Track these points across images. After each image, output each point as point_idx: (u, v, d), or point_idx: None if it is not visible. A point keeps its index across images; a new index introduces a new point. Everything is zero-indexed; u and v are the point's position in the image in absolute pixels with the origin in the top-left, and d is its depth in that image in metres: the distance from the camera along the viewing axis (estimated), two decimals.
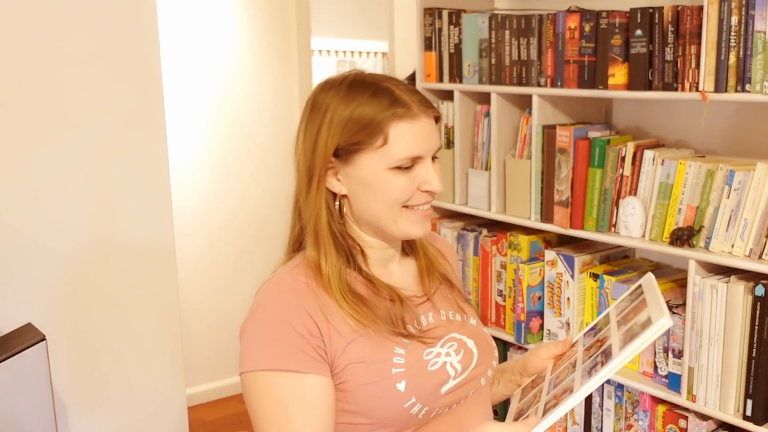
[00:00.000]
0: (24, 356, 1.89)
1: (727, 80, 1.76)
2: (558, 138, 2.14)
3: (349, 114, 1.14)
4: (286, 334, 1.12)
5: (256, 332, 1.15)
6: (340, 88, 1.17)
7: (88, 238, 2.28)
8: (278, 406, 1.11)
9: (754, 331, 1.76)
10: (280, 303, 1.15)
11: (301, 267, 1.20)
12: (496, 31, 2.28)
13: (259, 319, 1.15)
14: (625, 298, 1.21)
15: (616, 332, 1.13)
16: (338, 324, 1.14)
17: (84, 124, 2.24)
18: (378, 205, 1.17)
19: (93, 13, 2.22)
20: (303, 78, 3.97)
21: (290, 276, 1.18)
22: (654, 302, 1.12)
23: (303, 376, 1.11)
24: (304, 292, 1.15)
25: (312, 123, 1.18)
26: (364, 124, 1.13)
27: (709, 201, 1.86)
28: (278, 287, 1.18)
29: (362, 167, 1.15)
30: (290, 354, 1.11)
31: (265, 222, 3.90)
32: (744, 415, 1.81)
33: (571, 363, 1.18)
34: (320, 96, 1.18)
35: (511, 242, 2.34)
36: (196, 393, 3.79)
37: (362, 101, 1.15)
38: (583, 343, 1.21)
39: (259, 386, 1.13)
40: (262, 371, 1.12)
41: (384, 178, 1.15)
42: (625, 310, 1.17)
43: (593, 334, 1.20)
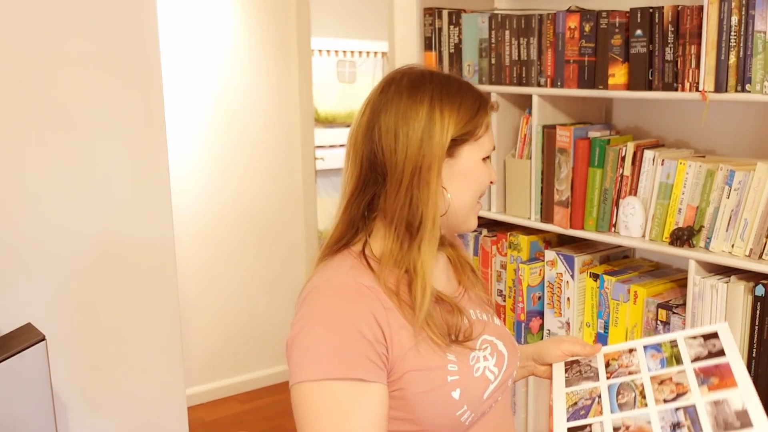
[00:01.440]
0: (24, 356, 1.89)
1: (727, 80, 1.76)
2: (558, 138, 2.14)
3: (458, 105, 1.16)
4: (354, 340, 1.06)
5: (318, 339, 1.07)
6: (434, 83, 1.17)
7: (88, 238, 2.28)
8: (341, 418, 1.05)
9: (754, 331, 1.76)
10: (346, 306, 1.09)
11: (358, 269, 1.15)
12: (496, 31, 2.28)
13: (320, 325, 1.08)
14: (698, 340, 1.24)
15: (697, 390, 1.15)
16: (400, 330, 1.11)
17: (84, 125, 2.24)
18: (468, 195, 1.19)
19: (93, 13, 2.22)
20: (303, 78, 3.97)
21: (351, 279, 1.13)
22: (743, 380, 1.14)
23: (368, 385, 1.06)
24: (369, 296, 1.11)
25: (413, 118, 1.14)
26: (471, 115, 1.17)
27: (709, 201, 1.86)
28: (341, 291, 1.12)
29: (466, 158, 1.18)
30: (358, 361, 1.06)
31: (265, 221, 3.91)
32: None
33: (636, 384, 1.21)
34: (410, 92, 1.16)
35: (511, 242, 2.34)
36: (196, 393, 3.80)
37: (463, 95, 1.18)
38: (648, 365, 1.24)
39: (318, 397, 1.06)
40: (325, 381, 1.05)
41: (480, 167, 1.20)
42: (702, 361, 1.20)
43: (659, 362, 1.23)
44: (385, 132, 1.15)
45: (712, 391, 1.13)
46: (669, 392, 1.15)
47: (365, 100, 1.20)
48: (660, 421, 1.12)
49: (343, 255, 1.17)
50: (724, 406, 1.12)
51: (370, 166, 1.17)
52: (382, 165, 1.15)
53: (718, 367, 1.15)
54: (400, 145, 1.14)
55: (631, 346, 1.26)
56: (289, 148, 3.95)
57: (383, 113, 1.16)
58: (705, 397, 1.13)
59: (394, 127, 1.14)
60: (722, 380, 1.14)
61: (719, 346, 1.20)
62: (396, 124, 1.15)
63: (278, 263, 4.01)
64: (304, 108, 4.01)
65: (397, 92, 1.16)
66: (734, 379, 1.13)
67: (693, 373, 1.17)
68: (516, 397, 2.38)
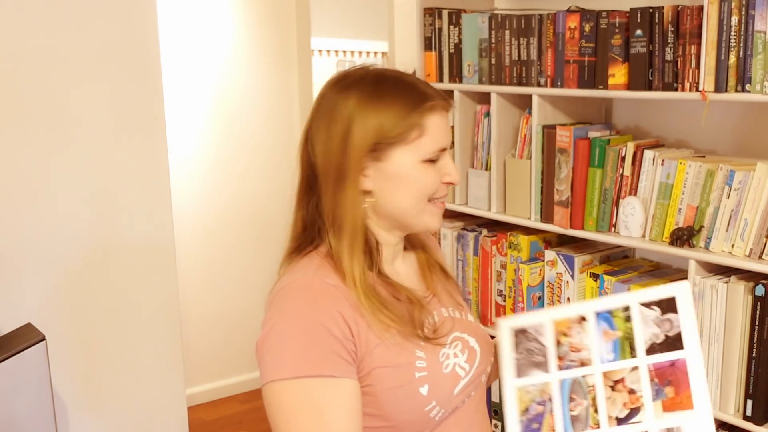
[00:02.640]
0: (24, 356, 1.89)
1: (727, 80, 1.76)
2: (558, 138, 2.14)
3: (386, 107, 1.13)
4: (322, 338, 1.07)
5: (288, 338, 1.09)
6: (364, 83, 1.15)
7: (88, 238, 2.28)
8: (316, 414, 1.06)
9: (754, 331, 1.76)
10: (313, 307, 1.10)
11: (324, 269, 1.15)
12: (496, 31, 2.28)
13: (290, 325, 1.10)
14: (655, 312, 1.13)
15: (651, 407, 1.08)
16: (366, 327, 1.11)
17: (84, 125, 2.25)
18: (407, 199, 1.16)
19: (93, 13, 2.22)
20: (303, 78, 3.97)
21: (318, 279, 1.13)
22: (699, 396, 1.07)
23: (340, 381, 1.08)
24: (335, 295, 1.12)
25: (337, 121, 1.14)
26: (400, 118, 1.13)
27: (709, 201, 1.86)
28: (308, 291, 1.12)
29: (395, 161, 1.14)
30: (328, 359, 1.07)
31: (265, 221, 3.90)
32: (744, 415, 1.81)
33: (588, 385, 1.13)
34: (341, 93, 1.15)
35: (511, 242, 2.34)
36: (196, 393, 3.79)
37: (395, 96, 1.14)
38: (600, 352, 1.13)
39: (292, 395, 1.07)
40: (297, 379, 1.07)
41: (416, 171, 1.15)
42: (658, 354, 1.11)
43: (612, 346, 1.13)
44: (316, 135, 1.16)
45: (667, 411, 1.08)
46: (622, 405, 1.11)
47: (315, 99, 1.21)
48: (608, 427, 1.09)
49: (310, 256, 1.18)
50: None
51: (310, 170, 1.18)
52: (315, 169, 1.17)
53: (674, 368, 1.10)
54: (326, 147, 1.15)
55: (581, 311, 1.16)
56: (289, 148, 3.95)
57: (318, 115, 1.17)
58: (659, 422, 1.08)
59: (323, 130, 1.15)
60: (678, 392, 1.09)
61: (676, 325, 1.11)
62: (325, 128, 1.15)
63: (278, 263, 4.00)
64: (304, 108, 4.01)
65: (333, 93, 1.16)
66: (690, 394, 1.08)
67: (647, 376, 1.11)
68: None
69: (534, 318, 1.17)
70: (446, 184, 1.19)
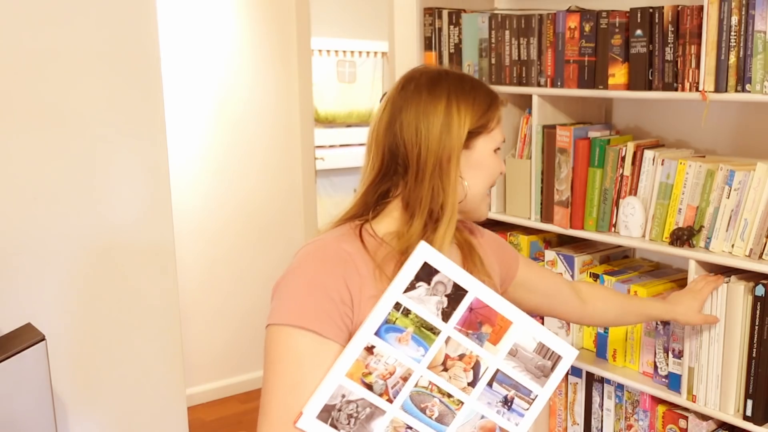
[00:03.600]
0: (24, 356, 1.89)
1: (728, 80, 1.76)
2: (558, 138, 2.14)
3: (473, 101, 1.26)
4: (318, 295, 1.15)
5: (290, 289, 1.18)
6: (450, 79, 1.27)
7: (88, 239, 2.28)
8: (294, 365, 1.13)
9: (754, 331, 1.76)
10: (319, 266, 1.18)
11: (348, 237, 1.23)
12: (496, 31, 2.28)
13: (295, 278, 1.19)
14: (420, 289, 1.12)
15: (485, 352, 1.12)
16: (370, 299, 1.16)
17: (84, 125, 2.25)
18: (482, 185, 1.30)
19: (93, 14, 2.23)
20: (303, 78, 3.97)
21: (336, 243, 1.21)
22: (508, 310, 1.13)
23: (324, 341, 1.13)
24: (346, 261, 1.19)
25: (433, 113, 1.24)
26: (484, 110, 1.27)
27: (709, 201, 1.86)
28: (321, 251, 1.21)
29: (479, 149, 1.28)
30: (317, 315, 1.14)
31: (265, 222, 3.90)
32: (744, 415, 1.81)
33: (425, 387, 1.12)
34: (428, 88, 1.25)
35: (511, 242, 2.34)
36: (196, 393, 3.80)
37: (477, 90, 1.28)
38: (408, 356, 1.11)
39: (280, 341, 1.15)
40: (286, 326, 1.14)
41: (492, 158, 1.30)
42: (453, 314, 1.12)
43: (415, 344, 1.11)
44: (407, 127, 1.24)
45: (498, 344, 1.14)
46: (463, 373, 1.13)
47: (385, 98, 1.29)
48: (489, 407, 1.13)
49: (343, 226, 1.27)
50: (523, 354, 1.15)
51: (392, 159, 1.26)
52: (404, 157, 1.25)
53: (474, 310, 1.14)
54: (422, 138, 1.23)
55: (363, 344, 1.11)
56: (288, 148, 3.95)
57: (404, 110, 1.25)
58: (498, 356, 1.13)
59: (415, 122, 1.24)
60: (492, 323, 1.14)
61: (447, 281, 1.13)
62: (417, 119, 1.24)
63: (278, 263, 4.01)
64: (304, 108, 4.01)
65: (417, 90, 1.26)
66: (501, 315, 1.14)
67: (461, 335, 1.13)
68: None
69: (326, 391, 1.10)
70: (500, 174, 1.33)
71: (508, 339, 1.14)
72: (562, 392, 2.28)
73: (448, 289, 1.14)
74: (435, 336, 1.12)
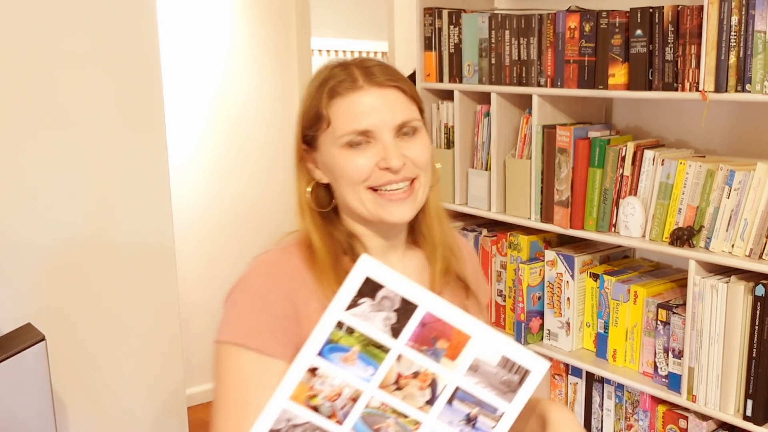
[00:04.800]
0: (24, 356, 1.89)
1: (728, 80, 1.76)
2: (558, 138, 2.14)
3: (303, 100, 1.18)
4: (260, 313, 1.09)
5: (236, 304, 1.13)
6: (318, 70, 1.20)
7: (88, 238, 2.28)
8: (240, 385, 1.08)
9: (754, 331, 1.76)
10: (264, 279, 1.12)
11: (294, 247, 1.17)
12: (496, 31, 2.28)
13: (240, 293, 1.13)
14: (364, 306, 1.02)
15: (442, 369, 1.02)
16: (318, 313, 1.04)
17: (83, 124, 2.24)
18: (342, 188, 1.14)
19: (93, 13, 2.22)
20: (303, 78, 3.96)
21: (282, 255, 1.16)
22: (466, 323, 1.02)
23: (269, 359, 1.08)
24: (292, 274, 1.12)
25: None
26: (311, 110, 1.15)
27: (709, 201, 1.86)
28: (267, 265, 1.15)
29: (324, 152, 1.15)
30: (259, 333, 1.08)
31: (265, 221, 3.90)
32: (744, 415, 1.81)
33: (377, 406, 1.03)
34: None
35: (511, 242, 2.34)
36: (196, 393, 3.79)
37: (310, 85, 1.17)
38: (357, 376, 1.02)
39: (226, 359, 1.10)
40: (230, 344, 1.09)
41: (339, 158, 1.12)
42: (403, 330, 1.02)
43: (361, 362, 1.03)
44: None
45: (456, 359, 1.04)
46: (420, 391, 1.04)
47: None
48: (451, 426, 1.04)
49: (295, 235, 1.20)
50: (485, 369, 1.05)
51: None
52: None
53: (427, 325, 1.03)
54: None
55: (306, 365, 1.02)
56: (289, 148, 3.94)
57: None
58: (457, 373, 1.04)
59: None
60: (449, 338, 1.04)
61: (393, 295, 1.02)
62: None
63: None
64: None
65: None
66: (457, 330, 1.03)
67: (413, 352, 1.03)
68: None
69: (270, 415, 1.03)
70: (383, 169, 1.11)
71: (468, 354, 1.04)
72: (562, 392, 2.28)
73: (396, 303, 1.02)
74: (385, 354, 1.03)
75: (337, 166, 1.13)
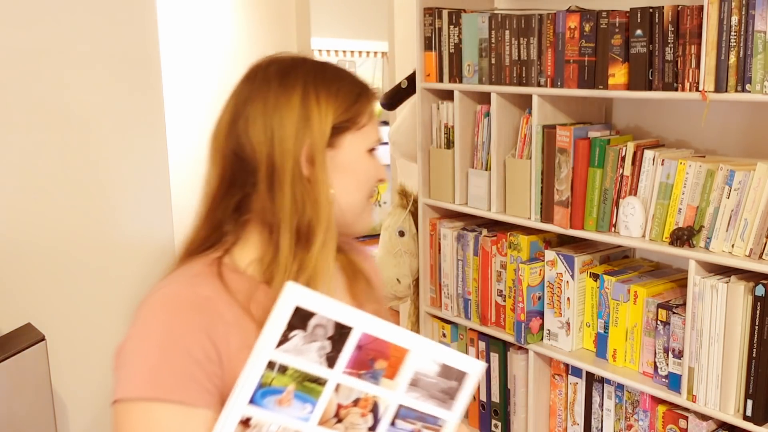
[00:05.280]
0: (24, 356, 1.89)
1: (728, 80, 1.76)
2: (558, 138, 2.14)
3: (336, 90, 1.04)
4: (179, 358, 0.94)
5: (140, 354, 0.95)
6: (306, 67, 1.07)
7: (88, 238, 2.28)
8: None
9: (754, 331, 1.76)
10: (173, 320, 0.96)
11: (204, 278, 1.01)
12: (496, 31, 2.28)
13: (144, 339, 0.96)
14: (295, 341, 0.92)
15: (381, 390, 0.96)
16: (241, 350, 0.95)
17: (84, 124, 2.25)
18: (356, 192, 1.08)
19: (93, 13, 2.23)
20: None
21: (189, 288, 0.99)
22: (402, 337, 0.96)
23: (192, 410, 0.93)
24: (206, 309, 0.97)
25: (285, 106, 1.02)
26: (352, 101, 1.06)
27: (709, 201, 1.86)
28: (172, 302, 0.98)
29: (347, 149, 1.06)
30: (181, 383, 0.93)
31: None
32: (744, 415, 1.81)
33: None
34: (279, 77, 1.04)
35: (511, 242, 2.34)
36: None
37: (342, 79, 1.06)
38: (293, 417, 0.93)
39: (135, 420, 0.93)
40: (143, 401, 0.93)
41: (366, 160, 1.08)
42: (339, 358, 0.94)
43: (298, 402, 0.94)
44: (253, 123, 1.02)
45: (396, 377, 0.98)
46: (362, 419, 0.97)
47: (229, 93, 1.08)
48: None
49: (195, 262, 1.04)
50: (425, 381, 1.00)
51: (239, 165, 1.04)
52: (252, 161, 1.02)
53: (362, 347, 0.95)
54: (274, 137, 1.01)
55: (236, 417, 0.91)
56: None
57: (249, 104, 1.03)
58: (398, 391, 0.98)
59: (263, 117, 1.02)
60: (387, 356, 0.97)
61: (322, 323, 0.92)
62: (265, 114, 1.02)
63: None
64: None
65: (265, 79, 1.05)
66: (394, 345, 0.97)
67: (352, 378, 0.95)
68: (516, 397, 2.38)
69: None
70: (379, 181, 1.11)
71: (407, 369, 0.98)
72: (562, 392, 2.28)
73: (330, 330, 0.93)
74: (322, 387, 0.94)
75: (363, 167, 1.08)
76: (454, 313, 2.53)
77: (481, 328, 2.44)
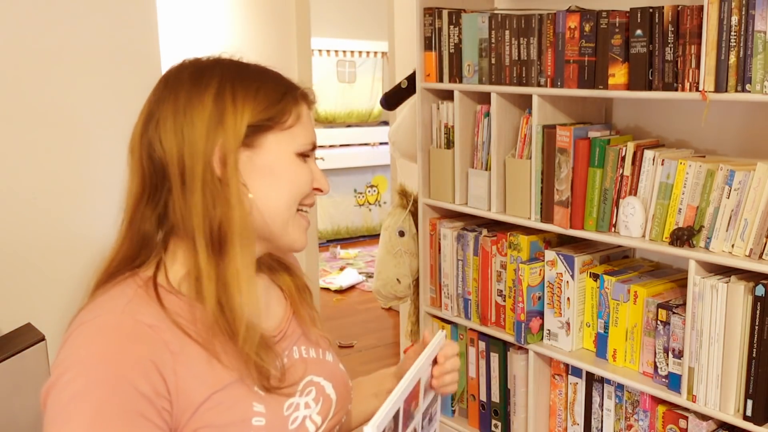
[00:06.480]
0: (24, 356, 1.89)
1: (728, 80, 1.76)
2: (558, 138, 2.14)
3: (255, 89, 0.99)
4: (124, 395, 0.85)
5: (81, 394, 0.85)
6: (224, 66, 1.03)
7: (87, 238, 2.28)
8: None
9: (754, 331, 1.76)
10: (117, 354, 0.88)
11: (139, 302, 0.93)
12: (496, 31, 2.28)
13: (83, 376, 0.87)
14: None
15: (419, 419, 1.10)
16: (190, 380, 0.91)
17: (84, 125, 2.25)
18: (281, 199, 0.99)
19: (93, 13, 2.23)
20: (303, 78, 3.97)
21: (127, 317, 0.91)
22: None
23: None
24: (149, 338, 0.90)
25: (198, 106, 0.96)
26: (274, 100, 0.99)
27: (709, 201, 1.86)
28: (112, 333, 0.90)
29: (269, 150, 0.98)
30: (131, 422, 0.85)
31: None
32: (744, 415, 1.81)
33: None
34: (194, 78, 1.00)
35: (511, 242, 2.34)
36: None
37: (264, 77, 1.02)
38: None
39: None
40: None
41: (293, 164, 1.00)
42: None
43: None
44: (164, 125, 0.97)
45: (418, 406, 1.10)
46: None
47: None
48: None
49: (126, 284, 0.96)
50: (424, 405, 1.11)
51: (153, 169, 0.97)
52: (165, 164, 0.96)
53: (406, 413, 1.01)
54: (184, 137, 0.95)
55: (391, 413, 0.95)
56: None
57: (161, 105, 0.98)
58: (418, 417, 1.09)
59: (173, 117, 0.96)
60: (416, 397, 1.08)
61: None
62: (176, 114, 0.96)
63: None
64: None
65: (178, 80, 1.00)
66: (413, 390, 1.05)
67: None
68: (516, 397, 2.38)
69: None
70: (315, 190, 1.04)
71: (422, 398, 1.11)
72: (562, 392, 2.28)
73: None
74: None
75: (288, 171, 0.99)
76: (454, 313, 2.53)
77: (481, 328, 2.44)
